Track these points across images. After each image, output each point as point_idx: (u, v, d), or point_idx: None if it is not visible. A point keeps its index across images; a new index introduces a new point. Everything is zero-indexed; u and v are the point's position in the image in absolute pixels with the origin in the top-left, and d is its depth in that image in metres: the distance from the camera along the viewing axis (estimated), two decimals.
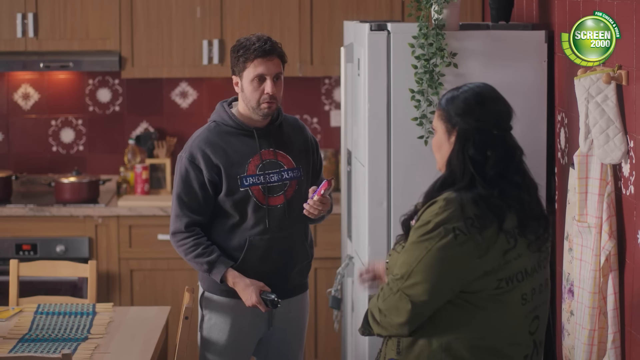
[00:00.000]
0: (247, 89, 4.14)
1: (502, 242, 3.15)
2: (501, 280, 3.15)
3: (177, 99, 6.53)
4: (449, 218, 3.13)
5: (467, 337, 3.18)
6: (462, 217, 3.13)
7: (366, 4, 6.11)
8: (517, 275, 3.18)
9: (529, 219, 3.20)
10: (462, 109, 3.24)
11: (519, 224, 3.18)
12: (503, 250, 3.15)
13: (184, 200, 4.17)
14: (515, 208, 3.18)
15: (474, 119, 3.23)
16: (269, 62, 4.12)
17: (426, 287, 3.14)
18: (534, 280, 3.22)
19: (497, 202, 3.16)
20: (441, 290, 3.15)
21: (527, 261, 3.20)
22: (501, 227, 3.14)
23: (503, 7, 4.97)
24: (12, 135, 6.52)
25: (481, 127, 3.22)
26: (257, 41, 4.12)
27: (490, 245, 3.13)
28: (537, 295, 3.25)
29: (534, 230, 3.21)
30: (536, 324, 3.25)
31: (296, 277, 4.29)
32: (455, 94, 3.28)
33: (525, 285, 3.20)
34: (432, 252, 3.13)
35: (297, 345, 4.38)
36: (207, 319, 4.26)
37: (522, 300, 3.19)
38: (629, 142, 3.83)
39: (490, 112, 3.23)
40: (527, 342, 3.24)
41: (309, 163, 4.31)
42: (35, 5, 6.12)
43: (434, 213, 3.16)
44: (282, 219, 4.21)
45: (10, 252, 5.97)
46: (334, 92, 6.51)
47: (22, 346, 4.17)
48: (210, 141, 4.17)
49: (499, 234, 3.14)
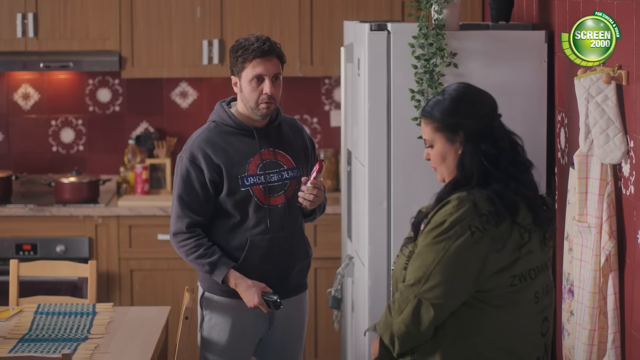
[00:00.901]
0: (245, 89, 4.14)
1: (516, 236, 3.16)
2: (515, 277, 3.16)
3: (177, 99, 6.53)
4: (464, 216, 3.13)
5: (484, 340, 3.17)
6: (477, 214, 3.13)
7: (366, 4, 6.11)
8: (529, 272, 3.19)
9: (539, 206, 3.22)
10: (457, 113, 3.25)
11: (532, 216, 3.19)
12: (518, 245, 3.16)
13: (185, 200, 4.17)
14: (527, 196, 3.20)
15: (473, 118, 3.24)
16: (268, 62, 4.12)
17: (445, 289, 3.12)
18: (542, 279, 3.23)
19: (511, 196, 3.18)
20: (461, 290, 3.13)
21: (537, 259, 3.21)
22: (515, 221, 3.16)
23: (503, 7, 4.97)
24: (12, 135, 6.52)
25: (484, 122, 3.24)
26: (255, 41, 4.12)
27: (506, 238, 3.15)
28: (545, 296, 3.25)
29: (544, 219, 3.22)
30: (546, 325, 3.25)
31: (296, 277, 4.29)
32: (442, 100, 3.28)
33: (537, 284, 3.21)
34: (449, 252, 3.12)
35: (297, 345, 4.38)
36: (208, 319, 4.26)
37: (535, 298, 3.20)
38: (629, 142, 3.83)
39: (483, 107, 3.28)
40: (539, 344, 3.24)
41: (308, 163, 4.32)
42: (35, 5, 6.12)
43: (448, 212, 3.15)
44: (282, 218, 4.21)
45: (10, 252, 5.97)
46: (334, 92, 6.51)
47: (22, 346, 4.17)
48: (210, 141, 4.17)
49: (512, 227, 3.15)
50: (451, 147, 3.26)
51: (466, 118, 3.24)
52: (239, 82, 4.16)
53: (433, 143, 3.30)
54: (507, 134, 3.29)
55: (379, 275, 4.76)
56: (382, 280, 4.75)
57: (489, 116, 3.26)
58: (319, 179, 4.14)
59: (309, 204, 4.16)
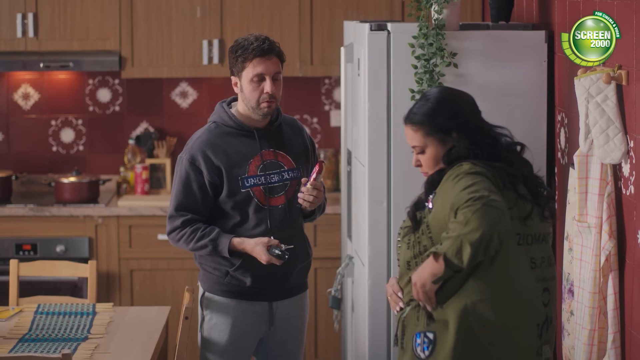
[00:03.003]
0: (246, 89, 4.13)
1: (521, 204, 3.32)
2: (519, 235, 3.29)
3: (177, 99, 6.53)
4: (482, 177, 3.23)
5: (489, 297, 3.28)
6: (490, 175, 3.29)
7: (366, 4, 6.11)
8: (527, 237, 3.30)
9: (536, 186, 3.33)
10: (448, 113, 3.31)
11: (530, 193, 3.31)
12: (523, 212, 3.33)
13: (182, 201, 4.16)
14: (526, 177, 3.32)
15: (463, 115, 3.29)
16: (268, 61, 4.11)
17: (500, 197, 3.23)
18: (541, 248, 3.31)
19: (512, 171, 3.34)
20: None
21: (536, 227, 3.34)
22: (518, 193, 3.29)
23: (503, 7, 4.97)
24: (12, 135, 6.52)
25: (472, 118, 3.31)
26: (255, 41, 4.11)
27: (512, 204, 3.29)
28: (546, 267, 3.33)
29: (542, 196, 3.35)
30: (547, 296, 3.32)
31: (297, 277, 4.29)
32: (427, 105, 3.38)
33: (534, 250, 3.29)
34: (486, 204, 3.19)
35: (297, 345, 4.38)
36: (208, 319, 4.26)
37: (531, 263, 3.26)
38: (629, 142, 3.83)
39: (467, 104, 3.40)
40: (541, 311, 3.32)
41: (308, 163, 4.31)
42: (35, 5, 6.12)
43: (468, 182, 3.26)
44: (283, 219, 4.20)
45: (10, 252, 5.97)
46: (334, 92, 6.51)
47: (22, 346, 4.17)
48: (211, 142, 4.17)
49: (517, 198, 3.31)
50: (444, 149, 3.30)
51: (456, 117, 3.30)
52: (240, 82, 4.15)
53: (425, 148, 3.33)
54: (491, 126, 3.44)
55: (379, 275, 4.76)
56: (382, 280, 4.75)
57: (474, 112, 3.34)
58: (318, 179, 4.13)
59: (309, 205, 4.16)
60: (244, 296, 4.22)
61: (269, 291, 4.23)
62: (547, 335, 3.40)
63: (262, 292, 4.22)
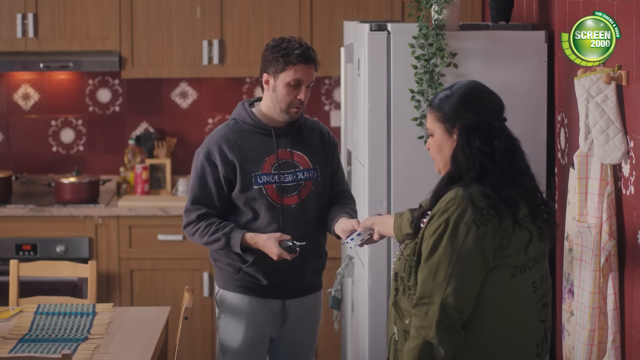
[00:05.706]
0: (280, 91, 4.14)
1: (518, 233, 3.19)
2: (516, 267, 3.19)
3: (177, 99, 6.53)
4: (463, 213, 3.14)
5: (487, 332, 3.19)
6: (476, 209, 3.15)
7: (366, 4, 6.11)
8: (528, 263, 3.21)
9: (538, 206, 3.25)
10: (460, 106, 3.28)
11: (529, 212, 3.22)
12: (524, 243, 3.21)
13: (198, 195, 4.20)
14: (525, 197, 3.23)
15: (473, 113, 3.26)
16: (309, 69, 4.13)
17: (461, 287, 3.14)
18: (539, 268, 3.27)
19: (508, 192, 3.21)
20: (477, 281, 3.16)
21: (535, 249, 3.23)
22: (516, 220, 3.18)
23: (503, 7, 4.97)
24: (12, 135, 6.52)
25: (482, 120, 3.26)
26: (299, 46, 4.10)
27: (509, 234, 3.18)
28: (544, 283, 3.29)
29: (541, 216, 3.26)
30: (545, 311, 3.29)
31: (310, 276, 4.30)
32: (449, 93, 3.32)
33: (534, 274, 3.24)
34: (465, 246, 3.13)
35: (309, 344, 4.39)
36: (223, 316, 4.28)
37: (532, 287, 3.23)
38: (629, 142, 3.83)
39: (487, 105, 3.30)
40: (538, 330, 3.27)
41: (327, 165, 4.31)
42: (35, 5, 6.12)
43: (450, 211, 3.16)
44: (296, 218, 4.21)
45: (10, 252, 5.97)
46: (334, 92, 6.51)
47: (22, 346, 4.17)
48: (227, 138, 4.20)
49: (514, 227, 3.17)
50: (448, 139, 3.29)
51: (465, 112, 3.27)
52: (274, 82, 4.15)
53: (433, 132, 3.34)
54: (506, 137, 3.29)
55: (379, 276, 4.76)
56: (382, 280, 4.76)
57: (488, 115, 3.28)
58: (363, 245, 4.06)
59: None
60: (257, 293, 4.24)
61: (282, 289, 4.25)
62: (546, 346, 3.37)
63: (276, 290, 4.24)
